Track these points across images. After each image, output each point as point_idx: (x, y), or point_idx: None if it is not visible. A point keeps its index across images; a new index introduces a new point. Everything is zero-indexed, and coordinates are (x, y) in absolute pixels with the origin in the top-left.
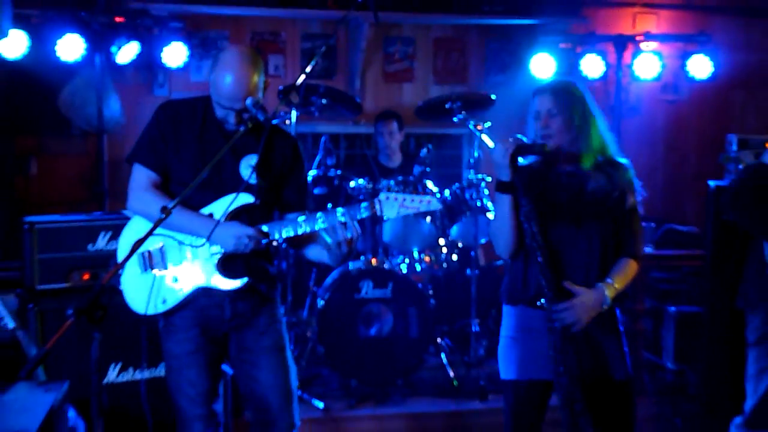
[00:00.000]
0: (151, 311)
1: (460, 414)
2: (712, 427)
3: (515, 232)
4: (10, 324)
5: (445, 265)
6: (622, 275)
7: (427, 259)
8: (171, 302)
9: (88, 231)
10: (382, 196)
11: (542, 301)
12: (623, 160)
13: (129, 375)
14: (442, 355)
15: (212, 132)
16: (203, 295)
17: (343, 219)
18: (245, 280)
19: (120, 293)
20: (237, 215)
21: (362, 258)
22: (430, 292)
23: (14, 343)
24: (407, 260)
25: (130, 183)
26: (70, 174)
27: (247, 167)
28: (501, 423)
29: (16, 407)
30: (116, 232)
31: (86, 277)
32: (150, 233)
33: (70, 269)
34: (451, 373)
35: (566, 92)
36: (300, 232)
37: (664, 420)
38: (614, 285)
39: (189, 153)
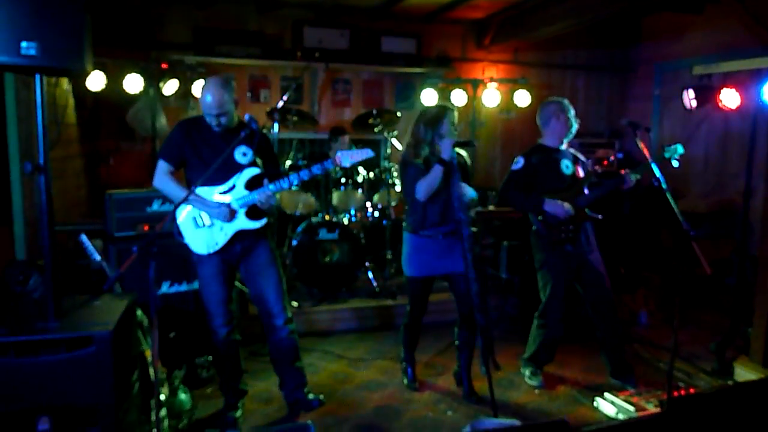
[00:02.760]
0: (210, 251)
1: (380, 307)
2: (530, 309)
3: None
4: (98, 258)
5: (370, 219)
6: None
7: (359, 215)
8: (221, 243)
9: (146, 199)
10: (339, 153)
11: (430, 231)
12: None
13: (175, 288)
14: (369, 273)
15: (207, 134)
16: (240, 235)
17: (318, 171)
18: (264, 220)
19: (167, 236)
20: (252, 182)
21: (320, 215)
22: (361, 235)
23: (101, 270)
24: (347, 216)
25: (156, 169)
26: (135, 164)
27: (239, 154)
28: (404, 313)
29: (103, 308)
30: (164, 200)
31: (146, 228)
32: (181, 203)
33: (135, 223)
34: (375, 284)
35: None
36: (295, 180)
37: (500, 309)
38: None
39: (197, 148)
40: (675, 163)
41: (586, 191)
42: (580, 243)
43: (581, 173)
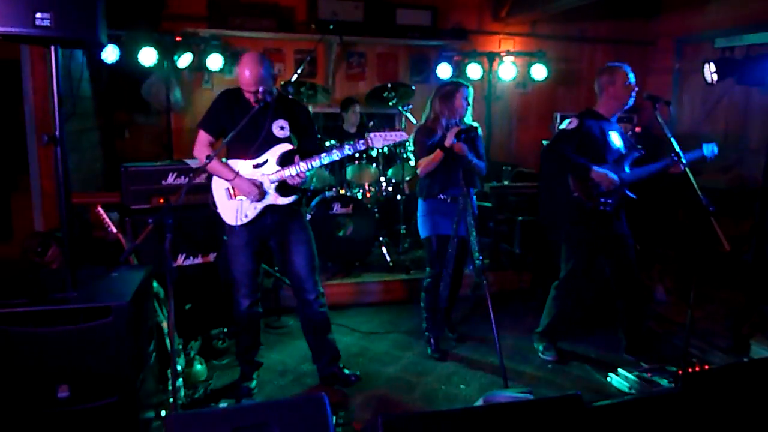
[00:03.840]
0: (239, 223)
1: (393, 282)
2: (543, 285)
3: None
4: (114, 230)
5: (384, 193)
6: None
7: (373, 189)
8: (251, 216)
9: (161, 172)
10: (371, 133)
11: (440, 195)
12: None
13: (190, 260)
14: (383, 248)
15: (246, 106)
16: (270, 209)
17: (349, 152)
18: (296, 196)
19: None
20: (284, 158)
21: (334, 189)
22: (375, 209)
23: (117, 242)
24: (361, 190)
25: (196, 141)
26: (150, 137)
27: (277, 128)
28: (418, 287)
29: (121, 280)
30: (179, 173)
31: (161, 201)
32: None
33: (150, 196)
34: (388, 258)
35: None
36: (327, 161)
37: (515, 282)
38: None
39: (235, 120)
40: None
41: (627, 169)
42: (612, 220)
43: (624, 150)
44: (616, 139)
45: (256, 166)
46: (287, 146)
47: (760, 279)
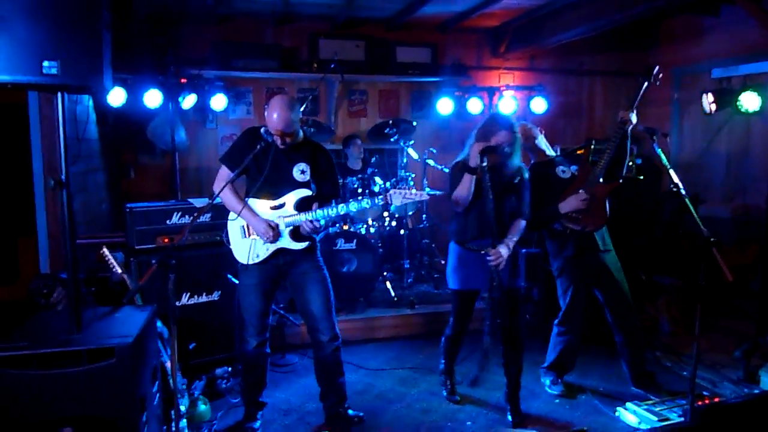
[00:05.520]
0: (250, 262)
1: (398, 317)
2: (546, 319)
3: (470, 197)
4: (119, 270)
5: (387, 228)
6: (520, 230)
7: (376, 224)
8: (262, 256)
9: (166, 212)
10: (392, 190)
11: (472, 244)
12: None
13: (194, 299)
14: (387, 283)
15: (268, 149)
16: (282, 251)
17: (367, 206)
18: (308, 243)
19: (187, 248)
20: (301, 204)
21: (337, 225)
22: (379, 244)
23: (122, 282)
24: (365, 226)
25: (218, 175)
26: (156, 177)
27: (298, 171)
28: (422, 322)
29: (124, 320)
30: (184, 212)
31: (166, 240)
32: (201, 213)
33: (155, 235)
34: (392, 293)
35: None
36: (342, 212)
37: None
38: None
39: (258, 159)
40: None
41: (596, 173)
42: (595, 242)
43: (583, 167)
44: (563, 171)
45: (273, 208)
46: (306, 191)
47: (767, 308)
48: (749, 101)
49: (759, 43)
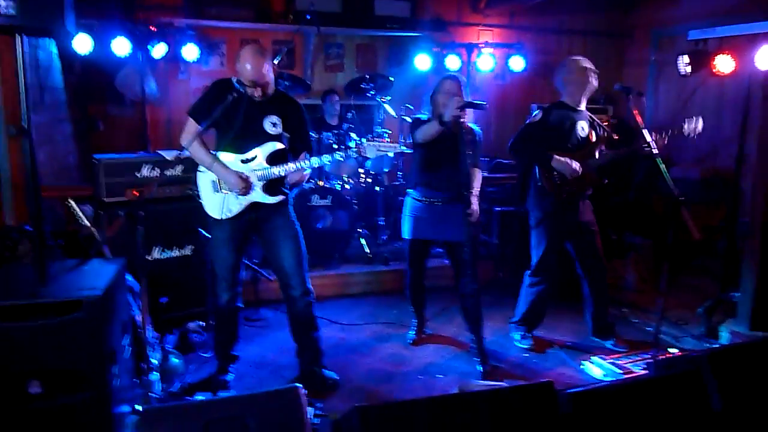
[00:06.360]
0: (223, 217)
1: (372, 273)
2: (519, 275)
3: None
4: (87, 223)
5: (363, 185)
6: (479, 183)
7: (351, 181)
8: (235, 211)
9: (135, 164)
10: (365, 141)
11: (435, 196)
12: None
13: (167, 253)
14: (362, 240)
15: (239, 101)
16: (255, 205)
17: (340, 158)
18: (281, 197)
19: (159, 202)
20: (273, 157)
21: (312, 181)
22: (354, 201)
23: (91, 235)
24: (340, 182)
25: (185, 128)
26: (124, 129)
27: (269, 124)
28: (397, 278)
29: (93, 272)
30: (154, 165)
31: (135, 193)
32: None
33: (124, 188)
34: (367, 250)
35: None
36: (316, 164)
37: (494, 272)
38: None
39: (227, 112)
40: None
41: (596, 155)
42: (577, 208)
43: (594, 137)
44: (582, 128)
45: (244, 161)
46: (278, 144)
47: (731, 267)
48: (723, 64)
49: (736, 5)
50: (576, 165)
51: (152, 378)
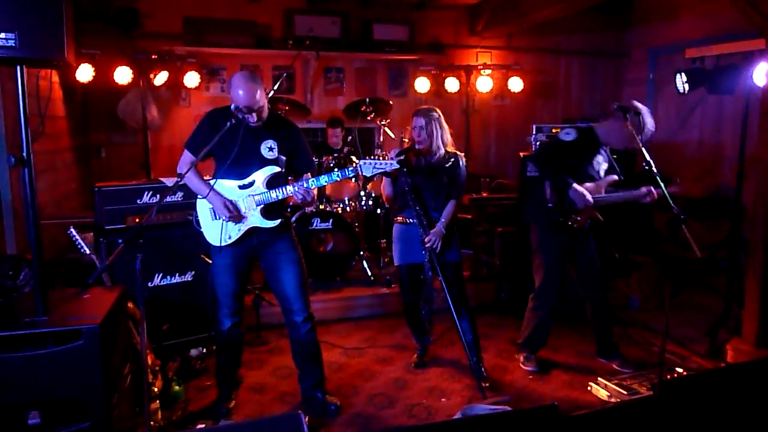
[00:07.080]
0: (223, 243)
1: (374, 296)
2: (521, 295)
3: (392, 194)
4: (88, 251)
5: (364, 207)
6: (449, 212)
7: (352, 204)
8: (234, 237)
9: (136, 191)
10: (361, 161)
11: (412, 221)
12: (453, 150)
13: (167, 280)
14: (363, 262)
15: (235, 128)
16: (255, 230)
17: (338, 178)
18: (279, 220)
19: (160, 228)
20: (271, 181)
21: (314, 205)
22: (355, 224)
23: (91, 263)
24: (341, 205)
25: (181, 159)
26: (127, 157)
27: (266, 148)
28: (399, 300)
29: (92, 302)
30: (155, 192)
31: (136, 220)
32: (168, 191)
33: (126, 215)
34: (369, 273)
35: (428, 115)
36: (313, 185)
37: (496, 293)
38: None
39: (223, 140)
40: None
41: (603, 192)
42: (580, 235)
43: (602, 173)
44: (598, 162)
45: (242, 187)
46: (275, 168)
47: (735, 284)
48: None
49: (731, 23)
50: (590, 197)
51: (154, 406)
